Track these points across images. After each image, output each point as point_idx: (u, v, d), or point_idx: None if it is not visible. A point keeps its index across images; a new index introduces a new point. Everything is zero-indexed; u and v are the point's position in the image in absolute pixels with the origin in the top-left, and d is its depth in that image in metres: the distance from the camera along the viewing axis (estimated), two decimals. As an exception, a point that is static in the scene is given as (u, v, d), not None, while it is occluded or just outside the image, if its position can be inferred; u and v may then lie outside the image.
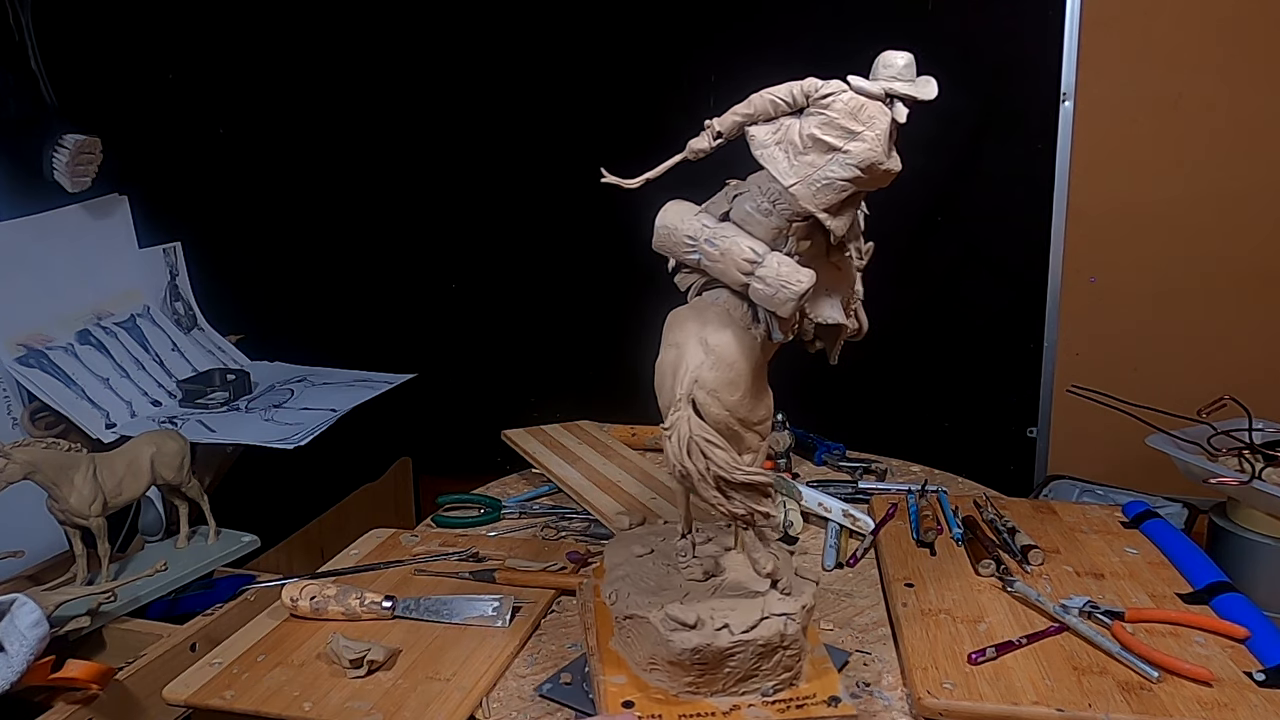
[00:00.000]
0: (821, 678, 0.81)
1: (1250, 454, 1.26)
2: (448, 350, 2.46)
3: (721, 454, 0.74)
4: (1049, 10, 1.94)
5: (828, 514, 1.18)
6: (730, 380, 0.75)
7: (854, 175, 0.70)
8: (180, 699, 0.85)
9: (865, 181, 0.71)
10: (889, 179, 0.71)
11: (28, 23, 1.47)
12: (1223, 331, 2.05)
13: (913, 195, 2.06)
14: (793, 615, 0.78)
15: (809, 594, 0.81)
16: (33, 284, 1.50)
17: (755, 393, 0.77)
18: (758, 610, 0.78)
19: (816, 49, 2.07)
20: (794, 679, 0.79)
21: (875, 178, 0.71)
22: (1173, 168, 2.02)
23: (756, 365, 0.77)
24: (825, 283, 0.76)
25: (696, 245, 0.76)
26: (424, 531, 1.22)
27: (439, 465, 2.55)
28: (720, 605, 0.80)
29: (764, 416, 0.79)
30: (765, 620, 0.77)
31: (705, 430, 0.74)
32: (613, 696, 0.79)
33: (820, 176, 0.70)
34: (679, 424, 0.74)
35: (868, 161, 0.69)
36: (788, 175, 0.71)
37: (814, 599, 0.82)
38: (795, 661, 0.79)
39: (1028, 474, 2.15)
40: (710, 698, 0.78)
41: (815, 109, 0.70)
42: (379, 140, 2.38)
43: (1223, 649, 0.86)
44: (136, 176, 1.67)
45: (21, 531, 1.20)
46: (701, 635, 0.77)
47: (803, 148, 0.70)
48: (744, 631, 0.76)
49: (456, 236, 2.46)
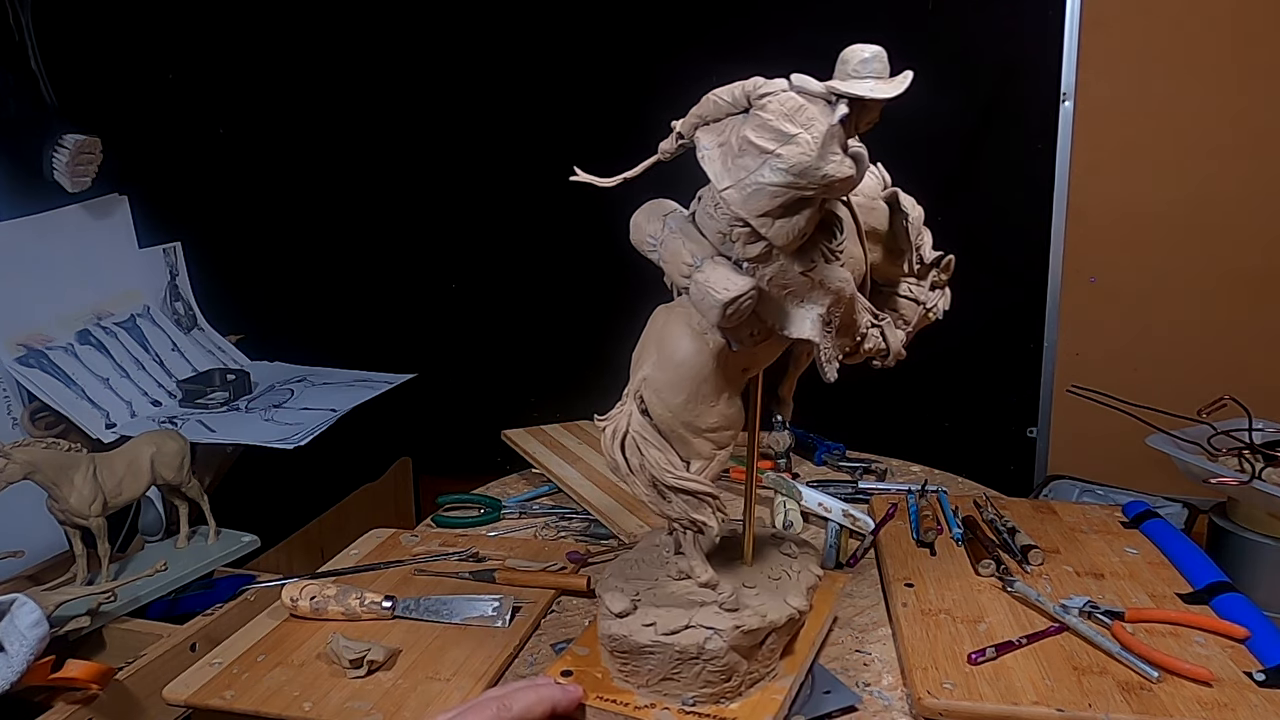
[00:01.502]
0: (759, 707, 0.75)
1: (1250, 454, 1.27)
2: (448, 350, 2.46)
3: (656, 454, 0.74)
4: (1049, 10, 1.94)
5: (828, 514, 1.18)
6: (673, 381, 0.74)
7: (786, 181, 0.66)
8: (180, 699, 0.85)
9: (804, 187, 0.66)
10: (840, 186, 0.67)
11: (28, 23, 1.47)
12: (1223, 331, 2.05)
13: (912, 195, 2.07)
14: (720, 631, 0.74)
15: (759, 617, 0.76)
16: (33, 284, 1.50)
17: (706, 398, 0.74)
18: (687, 617, 0.76)
19: (816, 49, 2.07)
20: (723, 696, 0.76)
21: (815, 184, 0.66)
22: (1173, 168, 2.02)
23: (711, 371, 0.74)
24: (795, 293, 0.72)
25: (655, 245, 0.75)
26: (424, 531, 1.22)
27: (439, 465, 2.55)
28: (671, 603, 0.79)
29: (717, 425, 0.75)
30: (689, 629, 0.75)
31: (644, 429, 0.74)
32: (563, 664, 0.81)
33: (751, 181, 0.67)
34: (618, 418, 0.75)
35: (799, 166, 0.65)
36: (722, 179, 0.68)
37: (769, 624, 0.77)
38: (721, 679, 0.75)
39: (1028, 474, 2.15)
40: (637, 690, 0.77)
41: (754, 110, 0.67)
42: (379, 140, 2.38)
43: (1223, 649, 0.86)
44: (136, 176, 1.67)
45: (21, 531, 1.20)
46: (623, 625, 0.77)
47: (738, 151, 0.67)
48: (664, 633, 0.75)
49: (456, 236, 2.46)
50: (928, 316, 0.89)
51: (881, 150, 0.82)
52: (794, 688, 0.79)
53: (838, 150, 0.66)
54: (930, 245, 0.87)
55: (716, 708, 0.75)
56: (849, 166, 0.66)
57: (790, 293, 0.73)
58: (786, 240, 0.69)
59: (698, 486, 0.74)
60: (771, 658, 0.79)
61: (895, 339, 0.83)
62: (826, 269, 0.74)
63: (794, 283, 0.72)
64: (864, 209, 0.82)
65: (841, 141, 0.66)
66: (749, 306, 0.70)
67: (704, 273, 0.70)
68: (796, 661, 0.81)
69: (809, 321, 0.73)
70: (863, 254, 0.82)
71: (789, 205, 0.67)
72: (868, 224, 0.82)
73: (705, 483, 0.74)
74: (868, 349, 0.82)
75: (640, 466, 0.74)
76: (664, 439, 0.75)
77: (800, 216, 0.68)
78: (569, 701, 0.73)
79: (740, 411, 0.77)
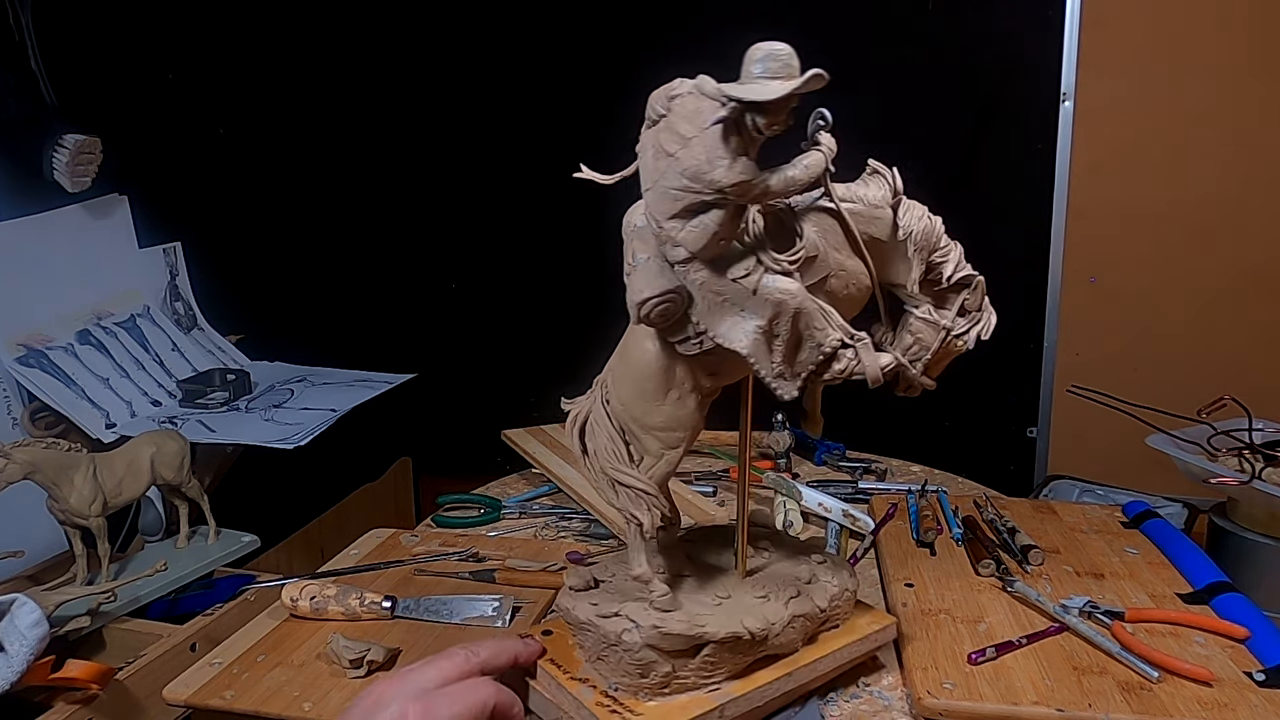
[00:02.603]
0: (668, 714, 0.74)
1: (1250, 454, 1.26)
2: (448, 350, 2.46)
3: (605, 444, 0.76)
4: (1049, 10, 1.95)
5: (828, 514, 1.18)
6: (624, 376, 0.75)
7: (682, 185, 0.65)
8: (180, 699, 0.85)
9: (699, 191, 0.65)
10: (734, 192, 0.65)
11: (28, 23, 1.47)
12: (1223, 331, 2.06)
13: (912, 195, 2.07)
14: (639, 626, 0.74)
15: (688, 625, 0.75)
16: (33, 284, 1.50)
17: (651, 396, 0.74)
18: (619, 605, 0.77)
19: (816, 49, 2.07)
20: (642, 691, 0.76)
21: (709, 189, 0.65)
22: (1172, 167, 2.02)
23: (657, 370, 0.74)
24: (733, 302, 0.70)
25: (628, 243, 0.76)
26: (424, 531, 1.22)
27: (439, 465, 2.55)
28: (618, 591, 0.80)
29: (663, 425, 0.75)
30: (615, 617, 0.76)
31: (600, 418, 0.76)
32: (546, 627, 0.84)
33: (661, 184, 0.66)
34: (582, 404, 0.77)
35: (692, 170, 0.65)
36: (645, 181, 0.68)
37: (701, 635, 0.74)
38: (638, 674, 0.75)
39: (1028, 474, 2.15)
40: (586, 663, 0.79)
41: (668, 112, 0.66)
42: (379, 140, 2.38)
43: (1223, 649, 0.86)
44: (136, 176, 1.67)
45: (21, 531, 1.20)
46: (571, 599, 0.80)
47: (654, 153, 0.67)
48: (598, 615, 0.77)
49: (456, 236, 2.46)
50: (954, 344, 0.80)
51: (882, 150, 0.81)
52: (728, 710, 0.76)
53: (725, 155, 0.65)
54: (958, 263, 0.79)
55: (633, 700, 0.75)
56: (739, 172, 0.65)
57: (727, 300, 0.71)
58: (699, 245, 0.68)
59: (633, 482, 0.75)
60: (713, 670, 0.76)
61: (872, 363, 0.73)
62: (767, 278, 0.71)
63: (729, 291, 0.70)
64: (864, 218, 0.76)
65: (735, 145, 0.65)
66: (667, 310, 0.70)
67: (634, 273, 0.72)
68: (751, 684, 0.77)
69: (744, 333, 0.71)
70: (863, 267, 0.76)
71: (692, 209, 0.67)
72: (867, 234, 0.76)
73: (642, 479, 0.75)
74: (838, 370, 0.74)
75: (594, 453, 0.76)
76: (617, 431, 0.76)
77: (709, 220, 0.67)
78: (529, 654, 0.77)
79: (693, 416, 0.75)
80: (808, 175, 0.70)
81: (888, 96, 1.98)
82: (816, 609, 0.81)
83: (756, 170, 0.66)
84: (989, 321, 0.80)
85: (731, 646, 0.76)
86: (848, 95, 0.80)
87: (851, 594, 0.84)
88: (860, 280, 0.77)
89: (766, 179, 0.67)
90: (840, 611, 0.83)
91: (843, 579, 0.84)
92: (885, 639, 0.85)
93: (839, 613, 0.84)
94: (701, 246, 0.68)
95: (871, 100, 2.01)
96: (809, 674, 0.81)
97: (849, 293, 0.76)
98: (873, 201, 0.77)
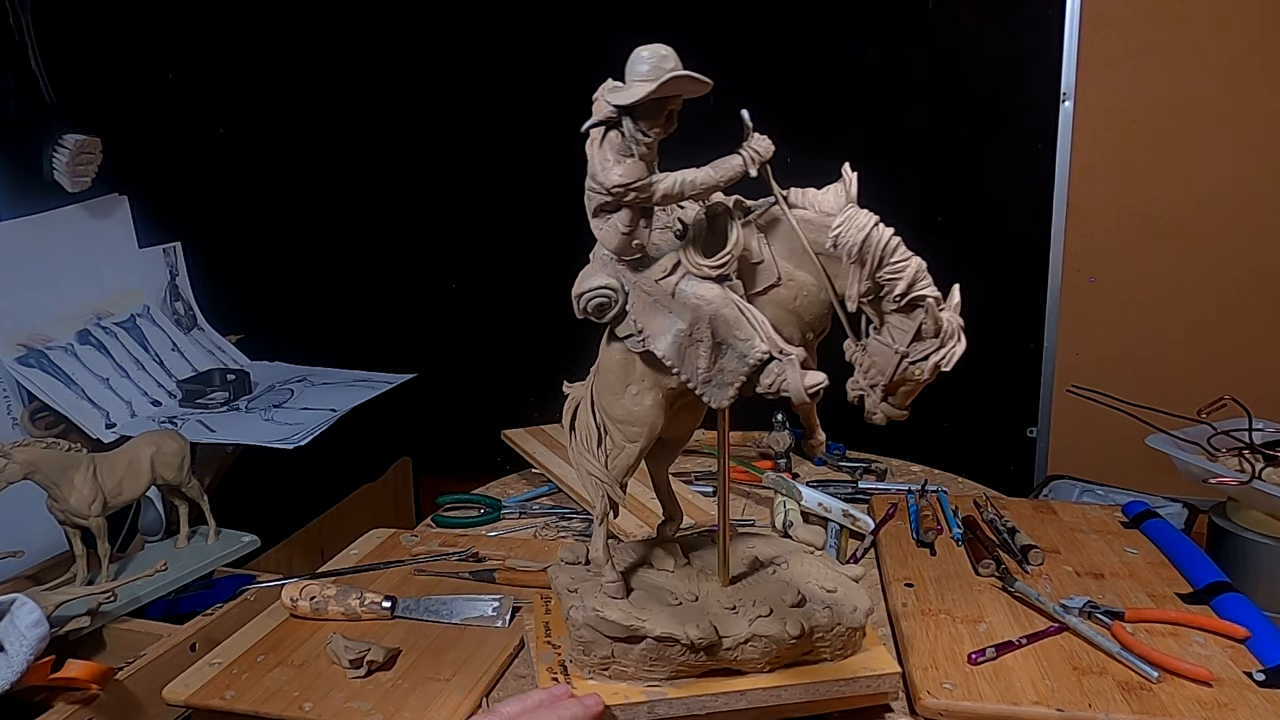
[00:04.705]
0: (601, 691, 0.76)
1: (1250, 454, 1.26)
2: (448, 350, 2.46)
3: (582, 430, 0.79)
4: (1049, 10, 1.95)
5: (828, 514, 1.18)
6: (598, 364, 0.78)
7: (590, 185, 0.69)
8: (180, 699, 0.85)
9: (600, 192, 0.68)
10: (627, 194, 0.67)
11: (28, 23, 1.47)
12: (1223, 331, 2.06)
13: (913, 195, 2.07)
14: (582, 606, 0.78)
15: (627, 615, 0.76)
16: (33, 284, 1.50)
17: (612, 388, 0.76)
18: (580, 585, 0.82)
19: (816, 49, 2.07)
20: (586, 668, 0.78)
21: (606, 190, 0.68)
22: (1172, 168, 2.02)
23: (616, 362, 0.76)
24: (661, 304, 0.72)
25: None
26: (424, 531, 1.22)
27: (439, 465, 2.55)
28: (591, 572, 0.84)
29: (623, 418, 0.76)
30: (573, 594, 0.81)
31: (586, 404, 0.79)
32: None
33: (587, 183, 0.70)
34: (579, 390, 0.81)
35: (591, 171, 0.68)
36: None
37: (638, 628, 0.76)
38: (580, 650, 0.78)
39: (1028, 474, 2.15)
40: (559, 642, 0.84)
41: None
42: (379, 140, 2.38)
43: (1223, 649, 0.86)
44: (136, 176, 1.67)
45: (21, 531, 1.20)
46: (555, 569, 0.87)
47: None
48: (565, 589, 0.82)
49: (456, 236, 2.46)
50: (910, 371, 0.69)
51: (881, 150, 0.81)
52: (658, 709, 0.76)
53: (610, 157, 0.68)
54: (911, 280, 0.68)
55: (578, 675, 0.79)
56: (620, 174, 0.67)
57: (657, 302, 0.72)
58: (612, 244, 0.71)
59: (594, 469, 0.78)
60: (654, 666, 0.77)
61: (796, 382, 0.68)
62: (685, 282, 0.71)
63: (656, 292, 0.72)
64: (815, 226, 0.71)
65: (619, 147, 0.68)
66: (602, 304, 0.73)
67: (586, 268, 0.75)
68: (690, 691, 0.76)
69: (667, 336, 0.72)
70: (814, 278, 0.72)
71: (603, 209, 0.70)
72: (819, 243, 0.71)
73: (598, 466, 0.78)
74: (766, 384, 0.69)
75: (574, 438, 0.80)
76: (595, 420, 0.79)
77: (618, 220, 0.70)
78: (591, 717, 0.72)
79: (649, 412, 0.76)
80: (711, 178, 0.69)
81: (888, 96, 1.98)
82: (787, 635, 0.76)
83: (644, 172, 0.68)
84: (953, 351, 0.68)
85: (674, 648, 0.76)
86: (848, 95, 0.81)
87: (849, 631, 0.79)
88: (813, 292, 0.72)
89: (655, 181, 0.68)
90: (827, 645, 0.79)
91: (845, 615, 0.79)
92: (882, 687, 0.79)
93: (826, 646, 0.79)
94: (615, 246, 0.71)
95: (872, 100, 2.01)
96: (769, 698, 0.77)
97: (799, 304, 0.73)
98: (826, 209, 0.71)
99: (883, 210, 0.70)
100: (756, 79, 2.09)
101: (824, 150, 0.85)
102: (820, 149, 0.85)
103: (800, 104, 2.04)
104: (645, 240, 0.72)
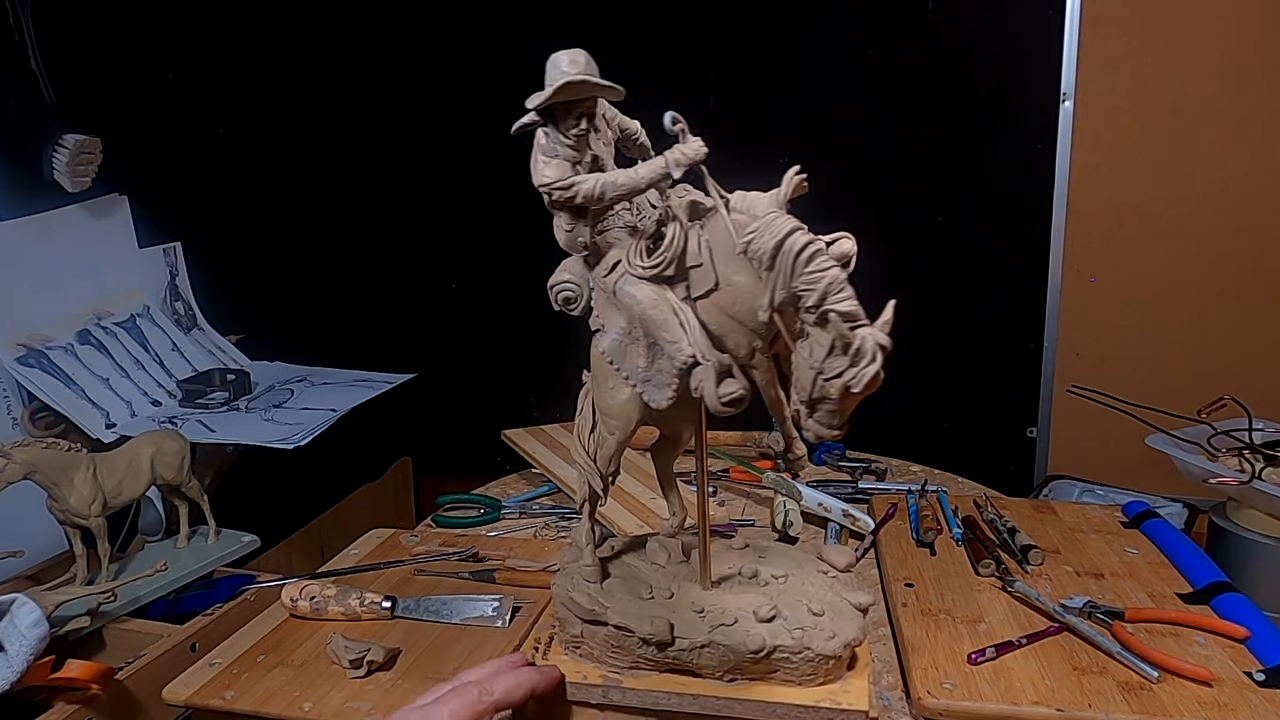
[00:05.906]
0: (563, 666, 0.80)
1: (1250, 454, 1.26)
2: (448, 350, 2.46)
3: (580, 419, 0.81)
4: (1049, 10, 1.94)
5: (828, 514, 1.18)
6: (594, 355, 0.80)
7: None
8: (180, 699, 0.85)
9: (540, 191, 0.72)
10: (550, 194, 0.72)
11: (28, 23, 1.47)
12: (1223, 331, 2.06)
13: (913, 195, 2.07)
14: (558, 586, 0.83)
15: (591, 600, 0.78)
16: (33, 284, 1.50)
17: (600, 380, 0.78)
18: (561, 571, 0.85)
19: (816, 49, 2.07)
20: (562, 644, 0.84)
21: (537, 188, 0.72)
22: (1172, 168, 2.02)
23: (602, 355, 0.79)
24: (610, 303, 0.74)
25: None
26: (424, 531, 1.22)
27: (439, 465, 2.55)
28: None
29: (604, 410, 0.78)
30: (560, 572, 0.84)
31: (587, 397, 0.81)
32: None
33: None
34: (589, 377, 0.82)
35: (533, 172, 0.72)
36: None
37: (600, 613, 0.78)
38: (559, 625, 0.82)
39: (1028, 474, 2.15)
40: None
41: None
42: (379, 140, 2.38)
43: (1223, 649, 0.86)
44: (136, 176, 1.67)
45: (21, 531, 1.20)
46: (565, 552, 0.88)
47: None
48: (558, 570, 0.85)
49: (456, 236, 2.46)
50: (825, 387, 0.62)
51: (881, 150, 0.81)
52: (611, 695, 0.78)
53: (538, 157, 0.73)
54: (823, 293, 0.63)
55: (557, 647, 0.84)
56: (544, 174, 0.72)
57: (607, 300, 0.74)
58: (560, 240, 0.75)
59: (578, 456, 0.81)
60: (617, 653, 0.79)
61: (710, 389, 0.66)
62: (622, 281, 0.71)
63: (606, 288, 0.74)
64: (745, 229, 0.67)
65: (544, 148, 0.72)
66: (569, 296, 0.77)
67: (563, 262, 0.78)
68: (643, 684, 0.77)
69: (611, 333, 0.74)
70: (751, 283, 0.67)
71: (552, 206, 0.74)
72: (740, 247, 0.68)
73: (584, 454, 0.80)
74: (693, 388, 0.68)
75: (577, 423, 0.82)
76: (591, 409, 0.80)
77: (560, 219, 0.74)
78: (547, 683, 0.75)
79: (624, 407, 0.76)
80: (632, 180, 0.70)
81: (888, 96, 1.98)
82: (746, 650, 0.74)
83: (568, 172, 0.71)
84: (864, 373, 0.61)
85: (631, 639, 0.78)
86: (848, 95, 0.81)
87: (819, 658, 0.75)
88: (749, 298, 0.68)
89: (578, 182, 0.71)
90: (794, 668, 0.76)
91: (817, 641, 0.75)
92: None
93: (792, 669, 0.76)
94: (563, 242, 0.75)
95: (871, 100, 2.01)
96: (720, 708, 0.76)
97: (738, 310, 0.69)
98: (753, 211, 0.67)
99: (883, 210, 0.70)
100: (756, 79, 2.09)
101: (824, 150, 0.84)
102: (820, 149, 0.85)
103: (800, 104, 2.04)
104: (587, 238, 0.74)
